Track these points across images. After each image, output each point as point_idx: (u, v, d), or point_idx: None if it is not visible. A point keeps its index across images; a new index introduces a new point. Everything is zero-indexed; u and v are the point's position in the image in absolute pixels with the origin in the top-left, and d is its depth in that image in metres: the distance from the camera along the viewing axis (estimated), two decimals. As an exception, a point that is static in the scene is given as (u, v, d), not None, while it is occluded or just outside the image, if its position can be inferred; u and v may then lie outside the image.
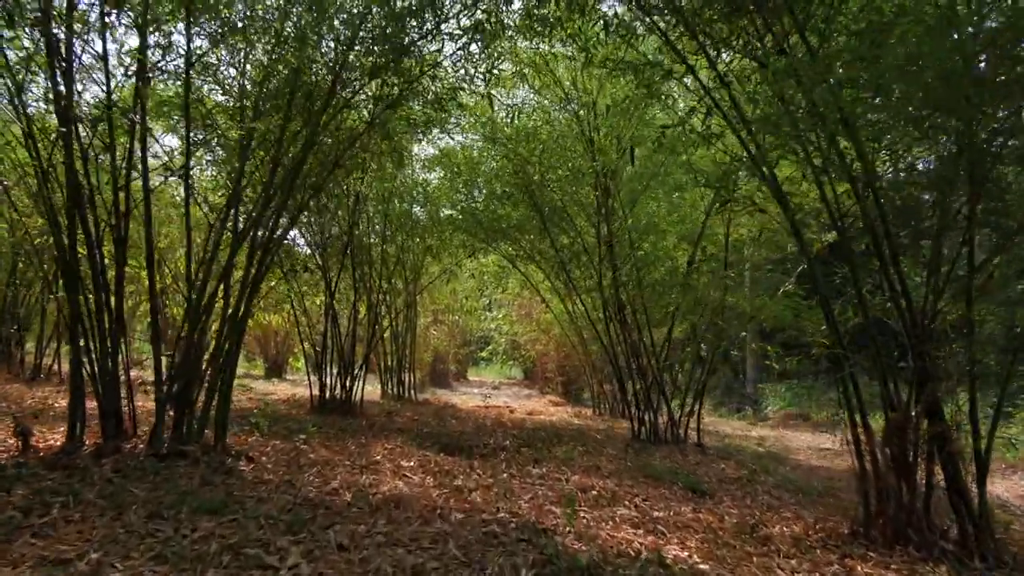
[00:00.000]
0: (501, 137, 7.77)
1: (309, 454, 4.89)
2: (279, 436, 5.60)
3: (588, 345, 11.27)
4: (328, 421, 7.35)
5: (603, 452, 6.66)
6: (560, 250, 8.52)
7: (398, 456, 5.34)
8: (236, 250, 4.76)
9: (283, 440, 5.41)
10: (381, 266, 9.26)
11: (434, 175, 9.49)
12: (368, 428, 7.14)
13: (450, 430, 7.51)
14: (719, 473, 6.14)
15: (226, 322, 4.64)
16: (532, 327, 13.30)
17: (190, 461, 3.99)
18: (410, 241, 10.03)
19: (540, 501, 4.13)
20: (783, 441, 9.65)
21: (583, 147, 7.51)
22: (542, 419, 9.86)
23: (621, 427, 9.39)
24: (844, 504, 4.90)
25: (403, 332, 11.36)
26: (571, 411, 11.56)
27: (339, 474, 4.37)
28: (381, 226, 8.85)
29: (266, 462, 4.45)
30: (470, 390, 16.54)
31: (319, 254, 8.37)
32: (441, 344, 15.28)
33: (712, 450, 7.73)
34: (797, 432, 10.82)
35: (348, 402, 8.48)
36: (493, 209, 9.18)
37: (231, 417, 6.27)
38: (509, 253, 10.34)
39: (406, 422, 8.11)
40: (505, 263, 11.11)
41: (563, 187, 7.85)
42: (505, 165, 8.09)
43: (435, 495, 4.05)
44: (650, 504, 4.39)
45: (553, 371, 14.50)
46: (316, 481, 4.12)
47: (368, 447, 5.62)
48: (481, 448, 6.58)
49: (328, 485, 4.04)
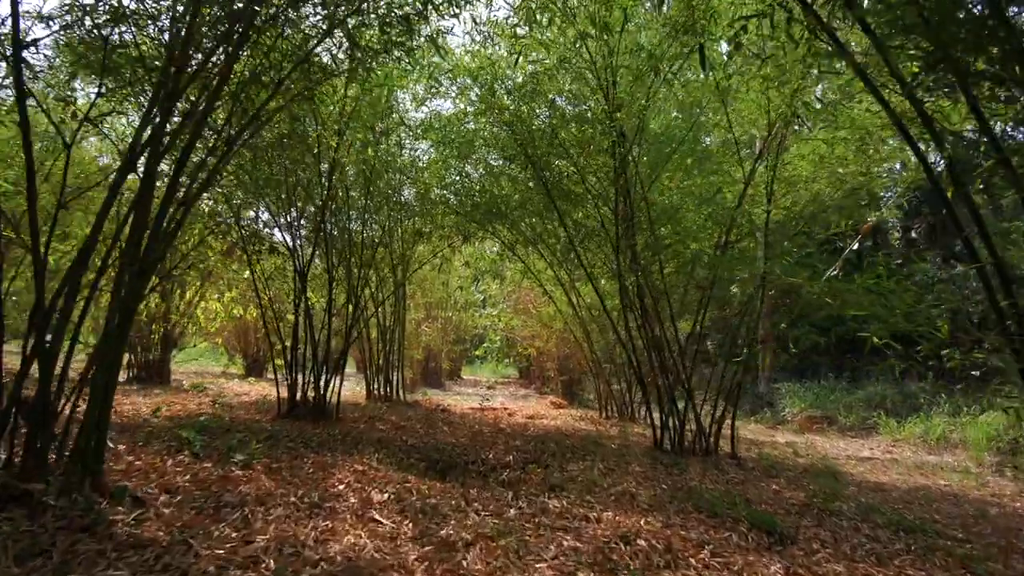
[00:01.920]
0: (500, 91, 6.30)
1: (240, 486, 3.40)
2: (214, 456, 4.11)
3: (594, 341, 9.83)
4: (293, 430, 5.87)
5: (628, 469, 5.22)
6: (570, 229, 7.06)
7: (369, 483, 3.86)
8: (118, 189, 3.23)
9: (216, 463, 3.93)
10: (362, 249, 7.77)
11: (423, 147, 8.01)
12: (341, 439, 5.66)
13: (441, 441, 6.04)
14: (777, 498, 4.71)
15: (115, 303, 3.09)
16: (531, 322, 11.84)
17: (31, 509, 2.51)
18: (396, 223, 8.56)
19: (570, 568, 2.67)
20: (816, 448, 8.25)
21: (599, 106, 6.06)
22: (545, 424, 8.41)
23: (636, 433, 7.95)
24: (982, 555, 3.49)
25: (391, 327, 9.88)
26: (575, 413, 10.11)
27: (274, 521, 2.90)
28: (363, 202, 7.36)
29: (166, 503, 2.96)
30: (464, 390, 15.07)
31: (288, 234, 6.89)
32: (433, 341, 13.79)
33: (750, 463, 6.31)
34: (826, 438, 9.42)
35: (322, 405, 6.99)
36: (489, 188, 7.74)
37: (160, 430, 4.81)
38: (508, 238, 8.89)
39: (389, 429, 6.63)
40: (503, 251, 9.68)
41: (574, 153, 6.39)
42: (502, 134, 6.63)
43: (412, 559, 2.58)
44: (724, 561, 2.94)
45: (553, 369, 13.05)
46: (233, 536, 2.64)
47: (331, 470, 4.14)
48: (478, 465, 5.12)
49: (250, 544, 2.57)
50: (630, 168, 6.11)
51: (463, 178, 8.02)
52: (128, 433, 4.76)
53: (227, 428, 5.43)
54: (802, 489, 5.16)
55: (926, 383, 9.81)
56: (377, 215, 7.96)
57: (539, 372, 15.32)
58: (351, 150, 6.57)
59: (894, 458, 7.68)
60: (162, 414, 5.92)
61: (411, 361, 13.22)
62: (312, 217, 6.84)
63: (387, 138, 7.30)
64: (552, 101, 6.40)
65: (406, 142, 7.63)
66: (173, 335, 10.64)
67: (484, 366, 23.92)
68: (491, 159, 7.67)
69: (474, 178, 8.14)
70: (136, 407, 6.74)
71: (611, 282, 8.91)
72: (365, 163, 7.00)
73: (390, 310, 9.88)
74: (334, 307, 7.28)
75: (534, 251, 9.05)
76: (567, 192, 6.86)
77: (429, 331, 13.46)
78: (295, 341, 6.99)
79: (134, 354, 10.35)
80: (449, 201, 8.14)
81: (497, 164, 7.87)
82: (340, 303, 7.65)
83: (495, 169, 7.81)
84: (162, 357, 10.56)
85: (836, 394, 10.74)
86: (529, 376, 18.08)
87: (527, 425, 8.01)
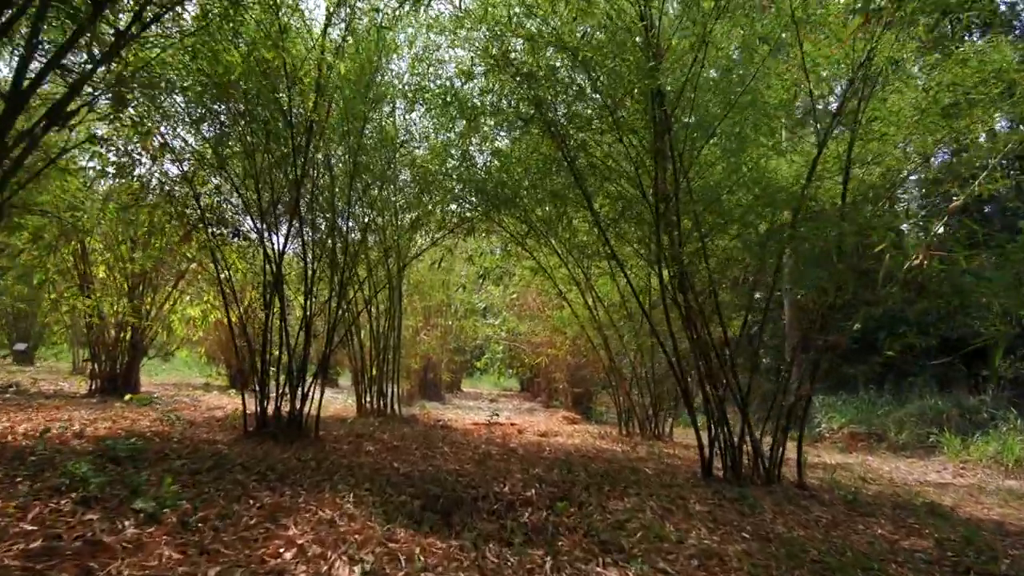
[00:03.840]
0: (514, 41, 5.04)
1: (116, 561, 2.04)
2: (113, 502, 2.74)
3: (612, 348, 8.50)
4: (255, 454, 4.50)
5: (688, 507, 3.87)
6: (599, 210, 5.74)
7: (335, 545, 2.50)
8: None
9: (107, 512, 2.56)
10: (348, 235, 6.44)
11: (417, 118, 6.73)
12: (315, 466, 4.30)
13: (441, 468, 4.67)
14: (896, 550, 3.35)
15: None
16: (541, 327, 10.48)
17: None
18: (390, 208, 7.26)
19: None
20: (879, 472, 6.88)
21: (634, 55, 4.79)
22: (562, 442, 7.04)
23: (670, 454, 6.59)
24: None
25: (385, 333, 8.52)
26: (592, 430, 8.73)
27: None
28: (349, 177, 6.05)
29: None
30: (465, 403, 13.65)
31: (255, 215, 5.56)
32: (432, 350, 12.39)
33: (823, 493, 4.96)
34: (879, 458, 8.05)
35: (298, 421, 5.63)
36: (498, 172, 6.46)
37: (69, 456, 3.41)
38: (518, 231, 7.59)
39: (379, 452, 5.27)
40: (512, 247, 8.37)
41: (605, 112, 5.09)
42: (517, 91, 5.35)
43: None
44: None
45: (563, 380, 11.65)
46: None
47: (284, 521, 2.77)
48: (491, 502, 3.75)
49: None
50: (678, 134, 4.83)
51: (466, 160, 6.74)
52: (18, 462, 3.40)
53: (163, 454, 4.06)
54: (916, 533, 3.80)
55: (986, 395, 8.48)
56: (365, 196, 6.63)
57: (545, 384, 13.93)
58: (331, 112, 5.28)
59: (977, 484, 6.32)
60: (59, 437, 4.48)
61: (408, 371, 11.84)
62: (285, 192, 5.52)
63: (379, 107, 6.03)
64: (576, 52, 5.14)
65: (400, 107, 6.34)
66: (142, 342, 9.26)
67: (484, 378, 22.48)
68: (500, 133, 6.40)
69: (479, 162, 6.88)
70: (75, 423, 5.37)
71: (643, 275, 7.62)
72: (350, 131, 5.71)
73: (384, 312, 8.53)
74: (316, 304, 5.94)
75: (546, 246, 7.75)
76: (594, 166, 5.57)
77: (428, 339, 12.09)
78: (266, 344, 5.65)
79: (98, 363, 8.97)
80: (451, 187, 6.86)
81: (506, 140, 6.61)
82: (323, 299, 6.32)
83: (503, 149, 6.55)
84: (129, 366, 9.17)
85: (881, 408, 9.38)
86: (532, 388, 16.67)
87: (541, 445, 6.63)
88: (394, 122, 6.67)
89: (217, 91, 4.84)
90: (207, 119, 5.14)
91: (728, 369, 5.31)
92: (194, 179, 5.38)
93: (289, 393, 5.64)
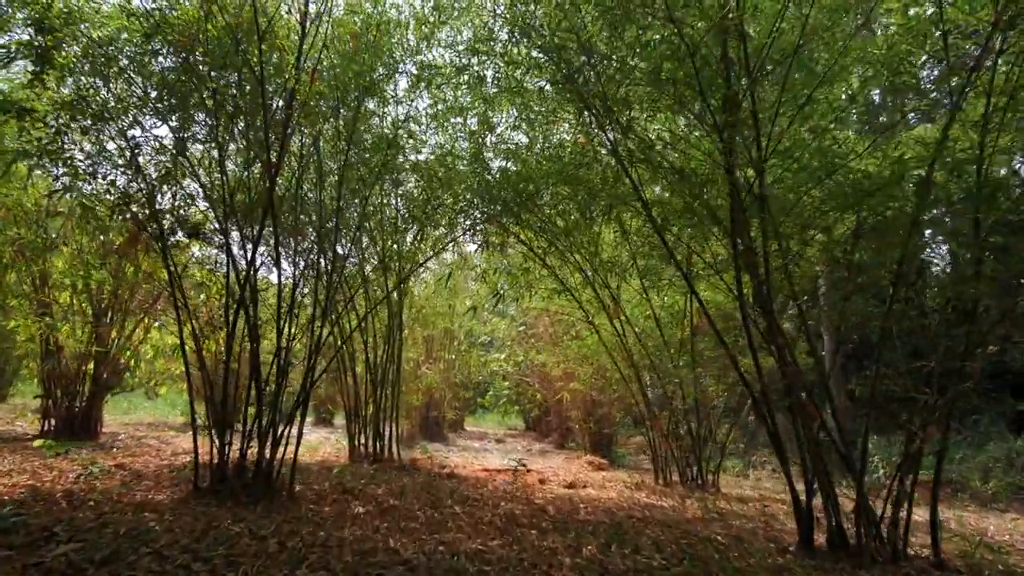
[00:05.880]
0: None
1: None
2: None
3: (644, 380, 7.14)
4: (192, 527, 3.12)
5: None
6: (653, 208, 4.46)
7: None
8: None
9: None
10: (334, 242, 5.19)
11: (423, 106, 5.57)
12: (275, 549, 2.91)
13: (456, 548, 3.25)
14: None
15: None
16: (561, 357, 9.08)
17: None
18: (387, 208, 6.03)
19: None
20: (983, 531, 5.44)
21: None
22: (596, 497, 5.60)
23: (730, 511, 5.17)
24: None
25: (383, 364, 7.14)
26: (624, 478, 7.24)
27: None
28: (338, 167, 4.82)
29: None
30: (470, 443, 12.10)
31: (219, 212, 4.29)
32: (435, 384, 10.94)
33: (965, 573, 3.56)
34: (969, 512, 6.58)
35: (266, 474, 4.24)
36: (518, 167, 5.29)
37: None
38: (539, 245, 6.35)
39: (369, 518, 3.86)
40: (532, 262, 7.07)
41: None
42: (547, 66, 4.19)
43: None
44: None
45: (580, 419, 10.17)
46: None
47: None
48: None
49: None
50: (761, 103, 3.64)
51: (478, 161, 5.56)
52: None
53: (50, 533, 2.68)
54: None
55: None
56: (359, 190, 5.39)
57: (558, 423, 12.43)
58: (315, 79, 4.09)
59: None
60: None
61: (408, 409, 10.40)
62: (256, 181, 4.28)
63: (379, 87, 4.87)
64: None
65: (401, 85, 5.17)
66: (103, 377, 7.85)
67: (488, 416, 20.85)
68: (519, 120, 5.23)
69: (494, 162, 5.71)
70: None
71: (680, 294, 6.35)
72: (340, 109, 4.53)
73: (381, 340, 7.19)
74: (296, 326, 4.61)
75: (569, 263, 6.48)
76: (650, 148, 4.33)
77: (430, 373, 10.67)
78: (227, 374, 4.32)
79: (53, 400, 7.56)
80: (460, 185, 5.65)
81: (524, 136, 5.45)
82: (303, 323, 5.00)
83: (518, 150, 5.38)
84: (90, 404, 7.75)
85: (955, 452, 7.93)
86: (540, 427, 15.10)
87: (573, 501, 5.21)
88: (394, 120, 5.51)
89: (171, 46, 3.67)
90: (159, 87, 3.96)
91: (823, 403, 3.99)
92: (142, 164, 4.15)
93: (257, 436, 4.28)
